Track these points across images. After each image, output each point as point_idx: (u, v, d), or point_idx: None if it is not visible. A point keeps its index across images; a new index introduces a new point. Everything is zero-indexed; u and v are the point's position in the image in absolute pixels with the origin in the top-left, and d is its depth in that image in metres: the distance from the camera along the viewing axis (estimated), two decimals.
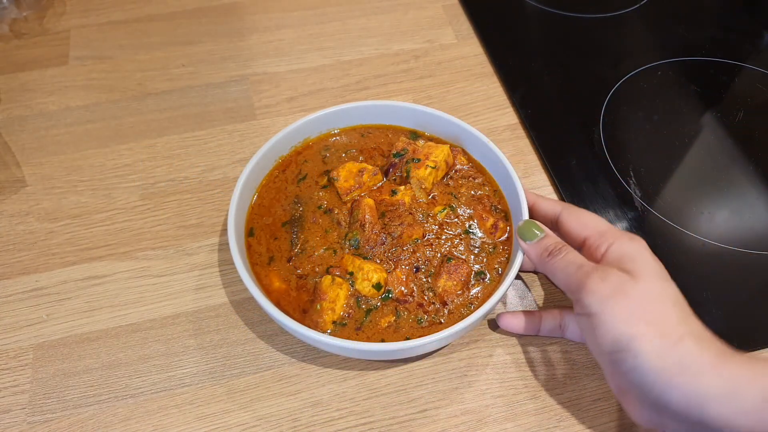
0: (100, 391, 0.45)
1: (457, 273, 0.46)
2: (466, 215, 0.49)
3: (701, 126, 0.62)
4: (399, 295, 0.45)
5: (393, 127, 0.55)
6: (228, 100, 0.64)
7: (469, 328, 0.42)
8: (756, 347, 0.47)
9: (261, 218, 0.50)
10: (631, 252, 0.39)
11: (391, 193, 0.49)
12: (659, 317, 0.36)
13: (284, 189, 0.51)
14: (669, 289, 0.38)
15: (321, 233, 0.48)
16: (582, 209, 0.45)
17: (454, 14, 0.74)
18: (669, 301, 0.37)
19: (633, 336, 0.35)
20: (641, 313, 0.36)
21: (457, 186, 0.51)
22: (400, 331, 0.44)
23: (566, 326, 0.45)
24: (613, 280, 0.37)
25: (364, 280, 0.45)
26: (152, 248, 0.52)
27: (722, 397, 0.33)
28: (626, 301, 0.36)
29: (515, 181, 0.48)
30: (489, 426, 0.44)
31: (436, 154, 0.50)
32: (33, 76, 0.66)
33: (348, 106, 0.54)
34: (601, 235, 0.41)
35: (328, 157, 0.53)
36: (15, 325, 0.48)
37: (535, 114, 0.63)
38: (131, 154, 0.59)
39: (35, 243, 0.53)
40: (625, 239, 0.40)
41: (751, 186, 0.57)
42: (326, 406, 0.44)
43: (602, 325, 0.36)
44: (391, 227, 0.48)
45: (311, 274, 0.46)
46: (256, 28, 0.72)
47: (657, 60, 0.68)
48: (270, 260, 0.47)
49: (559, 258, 0.41)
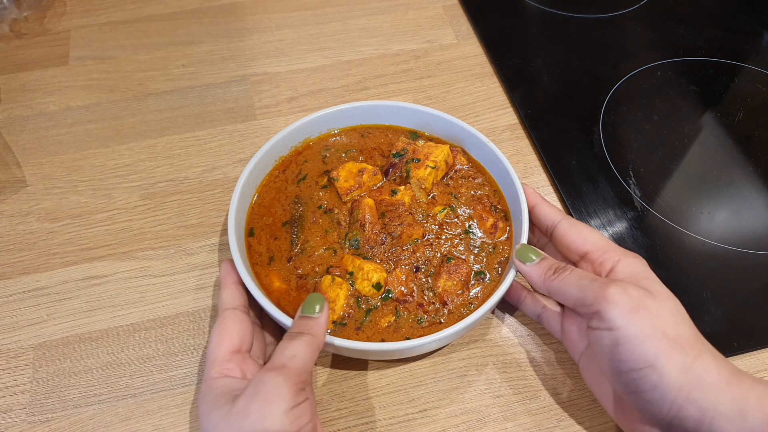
0: (100, 391, 0.45)
1: (457, 273, 0.46)
2: (466, 215, 0.49)
3: (701, 126, 0.62)
4: (399, 295, 0.45)
5: (393, 127, 0.55)
6: (228, 100, 0.64)
7: (469, 328, 0.42)
8: (756, 347, 0.47)
9: (261, 218, 0.50)
10: (638, 271, 0.39)
11: (391, 193, 0.49)
12: (680, 334, 0.36)
13: (284, 189, 0.51)
14: (682, 308, 0.38)
15: (321, 233, 0.49)
16: (582, 223, 0.44)
17: (454, 14, 0.74)
18: (685, 319, 0.37)
19: (658, 353, 0.35)
20: (664, 330, 0.35)
21: (457, 186, 0.51)
22: (400, 331, 0.44)
23: (544, 319, 0.45)
24: (634, 294, 0.36)
25: (364, 280, 0.45)
26: (152, 248, 0.52)
27: (731, 415, 0.34)
28: (649, 317, 0.36)
29: (515, 181, 0.48)
30: (489, 426, 0.44)
31: (436, 154, 0.50)
32: (33, 76, 0.66)
33: (348, 106, 0.54)
34: (605, 251, 0.41)
35: (328, 157, 0.53)
36: (15, 325, 0.48)
37: (535, 114, 0.63)
38: (131, 154, 0.59)
39: (36, 243, 0.53)
40: (631, 257, 0.40)
41: (751, 186, 0.57)
42: (326, 406, 0.44)
43: (628, 340, 0.35)
44: (391, 227, 0.48)
45: (311, 274, 0.46)
46: (256, 28, 0.72)
47: (657, 60, 0.68)
48: (270, 260, 0.47)
49: (568, 273, 0.40)
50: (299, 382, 0.35)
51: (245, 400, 0.34)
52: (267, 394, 0.33)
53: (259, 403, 0.33)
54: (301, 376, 0.35)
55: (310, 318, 0.39)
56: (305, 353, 0.36)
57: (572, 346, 0.42)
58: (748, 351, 0.47)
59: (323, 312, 0.39)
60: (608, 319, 0.36)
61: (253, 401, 0.33)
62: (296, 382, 0.34)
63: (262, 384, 0.34)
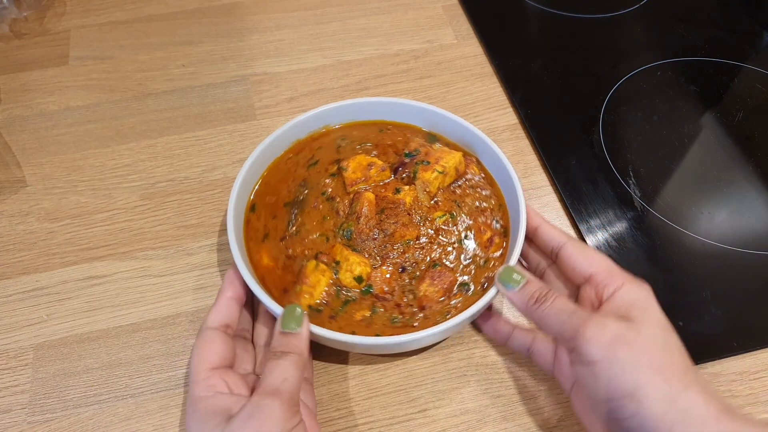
0: (100, 391, 0.45)
1: (440, 280, 0.45)
2: (464, 225, 0.49)
3: (701, 126, 0.62)
4: (379, 291, 0.45)
5: (412, 127, 0.55)
6: (228, 100, 0.64)
7: (440, 335, 0.42)
8: (756, 347, 0.47)
9: (265, 196, 0.50)
10: (640, 299, 0.38)
11: (395, 191, 0.49)
12: (665, 364, 0.35)
13: (294, 171, 0.52)
14: (673, 339, 0.37)
15: (319, 219, 0.49)
16: (588, 246, 0.43)
17: (454, 14, 0.74)
18: (674, 350, 0.36)
19: (638, 382, 0.34)
20: (646, 360, 0.35)
21: (463, 195, 0.50)
22: (372, 327, 0.44)
23: (534, 352, 0.43)
24: (612, 328, 0.36)
25: (347, 271, 0.45)
26: (152, 248, 0.52)
27: None
28: (629, 349, 0.35)
29: (520, 199, 0.47)
30: (489, 426, 0.44)
31: (447, 159, 0.50)
32: (33, 76, 0.66)
33: (370, 100, 0.54)
34: (610, 275, 0.40)
35: (342, 147, 0.54)
36: (15, 325, 0.48)
37: (535, 114, 0.63)
38: (131, 154, 0.59)
39: (35, 243, 0.53)
40: (635, 284, 0.39)
41: (751, 186, 0.57)
42: (326, 406, 0.44)
43: (605, 372, 0.35)
44: (386, 224, 0.48)
45: (300, 257, 0.47)
46: (256, 28, 0.72)
47: (657, 60, 0.68)
48: (265, 237, 0.48)
49: (548, 305, 0.39)
50: (293, 405, 0.36)
51: (240, 423, 0.34)
52: (263, 419, 0.34)
53: (255, 428, 0.34)
54: (293, 399, 0.36)
55: (291, 335, 0.39)
56: (294, 375, 0.37)
57: (564, 378, 0.41)
58: (748, 351, 0.47)
59: (303, 326, 0.39)
60: (585, 354, 0.36)
61: (248, 425, 0.34)
62: (290, 406, 0.35)
63: (258, 409, 0.34)
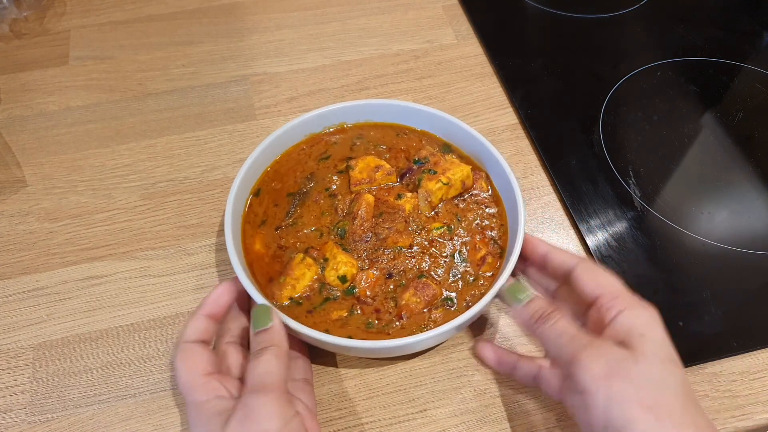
0: (100, 391, 0.45)
1: (423, 292, 0.45)
2: (460, 240, 0.48)
3: (701, 126, 0.62)
4: (361, 294, 0.45)
5: (429, 135, 0.55)
6: (228, 100, 0.64)
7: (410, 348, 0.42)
8: (756, 347, 0.47)
9: (271, 182, 0.51)
10: (641, 325, 0.37)
11: (397, 197, 0.49)
12: (659, 402, 0.33)
13: (304, 162, 0.53)
14: (673, 373, 0.35)
15: (317, 214, 0.49)
16: (599, 267, 0.41)
17: (454, 14, 0.74)
18: (672, 387, 0.34)
19: (629, 420, 0.33)
20: (640, 397, 0.33)
21: (466, 210, 0.50)
22: (346, 327, 0.44)
23: (542, 379, 0.41)
24: (610, 358, 0.35)
25: (332, 269, 0.45)
26: (152, 248, 0.52)
27: None
28: (624, 383, 0.34)
29: (520, 221, 0.46)
30: (489, 426, 0.44)
31: (454, 171, 0.49)
32: (33, 76, 0.66)
33: (388, 102, 0.55)
34: (613, 297, 0.38)
35: (356, 146, 0.54)
36: (15, 325, 0.48)
37: (535, 114, 0.63)
38: (131, 154, 0.59)
39: (35, 243, 0.53)
40: (638, 309, 0.38)
41: (751, 186, 0.57)
42: (326, 406, 0.44)
43: (596, 405, 0.34)
44: (380, 228, 0.48)
45: (291, 248, 0.47)
46: (256, 28, 0.72)
47: (657, 60, 0.68)
48: (262, 223, 0.49)
49: (549, 325, 0.38)
50: (284, 396, 0.35)
51: (237, 425, 0.34)
52: (257, 416, 0.34)
53: (252, 427, 0.33)
54: (282, 390, 0.35)
55: (265, 331, 0.38)
56: (277, 366, 0.36)
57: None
58: (748, 351, 0.47)
59: (275, 319, 0.39)
60: (579, 382, 0.35)
61: (245, 425, 0.33)
62: (281, 398, 0.35)
63: (250, 408, 0.34)
